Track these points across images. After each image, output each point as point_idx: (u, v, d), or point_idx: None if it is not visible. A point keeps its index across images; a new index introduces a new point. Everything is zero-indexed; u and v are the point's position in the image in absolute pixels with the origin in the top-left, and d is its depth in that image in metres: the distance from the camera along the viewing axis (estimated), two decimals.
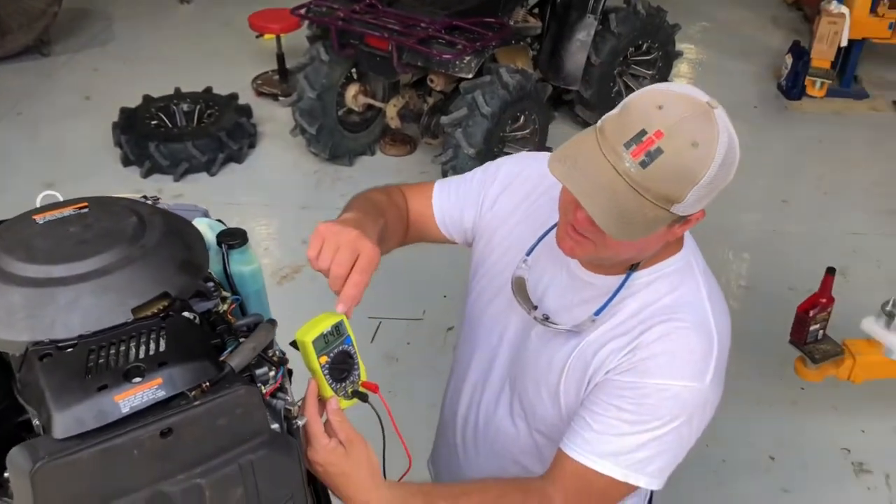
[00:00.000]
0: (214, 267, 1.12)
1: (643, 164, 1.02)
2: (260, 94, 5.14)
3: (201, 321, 0.94)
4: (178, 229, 1.03)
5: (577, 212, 1.11)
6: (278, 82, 5.15)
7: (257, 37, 5.11)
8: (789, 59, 5.22)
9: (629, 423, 1.15)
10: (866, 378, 2.84)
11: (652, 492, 1.53)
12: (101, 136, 4.48)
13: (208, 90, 4.75)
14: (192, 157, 4.27)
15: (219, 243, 1.13)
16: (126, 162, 4.36)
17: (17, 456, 0.80)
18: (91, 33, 5.94)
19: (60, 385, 0.82)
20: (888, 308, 2.68)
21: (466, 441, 1.43)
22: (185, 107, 4.63)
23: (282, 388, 0.99)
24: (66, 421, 0.80)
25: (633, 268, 1.21)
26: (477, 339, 1.37)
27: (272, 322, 0.98)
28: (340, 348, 1.09)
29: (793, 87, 5.24)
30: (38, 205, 1.08)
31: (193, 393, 0.86)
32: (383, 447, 1.13)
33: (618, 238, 1.06)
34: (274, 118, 4.88)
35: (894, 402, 3.11)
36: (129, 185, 4.22)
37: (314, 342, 1.06)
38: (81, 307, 0.89)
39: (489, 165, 1.42)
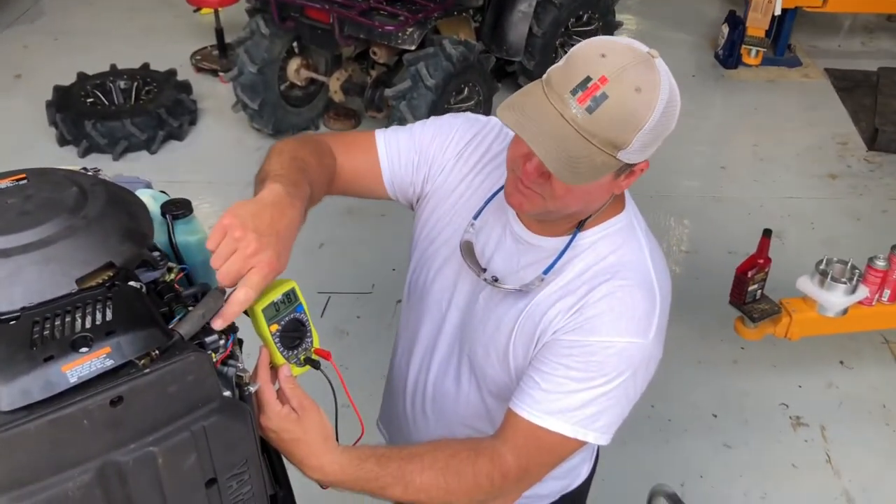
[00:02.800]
0: (160, 238, 1.10)
1: (589, 110, 1.05)
2: (199, 69, 5.03)
3: (148, 290, 0.94)
4: (121, 199, 1.01)
5: (525, 164, 1.13)
6: (217, 57, 5.05)
7: (195, 11, 5.00)
8: (725, 29, 5.32)
9: (577, 381, 1.18)
10: (802, 335, 2.95)
11: (598, 449, 1.57)
12: (35, 116, 4.35)
13: (145, 66, 4.63)
14: (130, 135, 4.17)
15: (163, 214, 1.11)
16: (62, 141, 4.24)
17: None
18: (20, 9, 5.73)
19: (5, 357, 0.80)
20: (821, 267, 2.78)
21: (416, 409, 1.45)
22: (121, 84, 4.52)
23: (233, 356, 0.99)
24: (13, 393, 0.79)
25: (580, 226, 1.24)
26: (424, 307, 1.38)
27: (221, 291, 0.98)
28: (292, 316, 1.09)
29: (729, 56, 5.35)
30: None
31: (143, 361, 0.85)
32: (335, 413, 1.14)
33: (567, 182, 1.08)
34: (214, 94, 4.79)
35: (829, 357, 3.24)
36: (66, 165, 4.07)
37: (264, 310, 1.06)
38: (23, 279, 0.87)
39: (440, 125, 1.39)
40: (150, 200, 1.15)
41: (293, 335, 1.10)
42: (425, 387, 1.41)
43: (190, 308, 0.95)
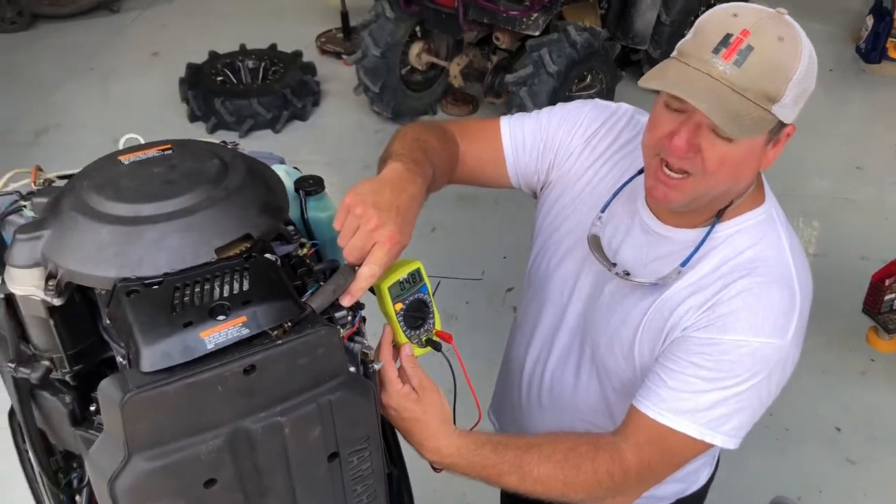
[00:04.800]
0: (293, 213, 1.12)
1: (737, 64, 1.03)
2: (324, 52, 5.14)
3: (282, 264, 0.95)
4: (259, 172, 1.03)
5: (672, 140, 1.09)
6: (342, 40, 5.14)
7: None
8: (870, 20, 5.00)
9: (706, 381, 1.13)
10: None
11: (720, 454, 1.51)
12: (169, 92, 4.55)
13: (273, 47, 4.77)
14: (257, 113, 4.31)
15: (296, 190, 1.13)
16: (193, 117, 4.42)
17: (107, 387, 0.82)
18: None
19: (148, 320, 0.83)
20: None
21: (531, 396, 1.42)
22: (250, 63, 4.67)
23: (359, 332, 1.00)
24: (154, 355, 0.81)
25: (718, 216, 1.18)
26: (545, 296, 1.36)
27: (351, 267, 0.98)
28: (416, 296, 1.09)
29: (872, 50, 5.02)
30: (120, 146, 1.10)
31: (276, 332, 0.87)
32: (454, 396, 1.13)
33: (734, 134, 1.04)
34: (338, 76, 4.88)
35: None
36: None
37: (390, 288, 1.06)
38: (167, 246, 0.90)
39: (568, 112, 1.35)
40: (285, 176, 1.17)
41: (416, 315, 1.09)
42: (542, 377, 1.38)
43: (321, 283, 0.96)
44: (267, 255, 0.93)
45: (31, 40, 5.34)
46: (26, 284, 0.93)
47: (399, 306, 1.07)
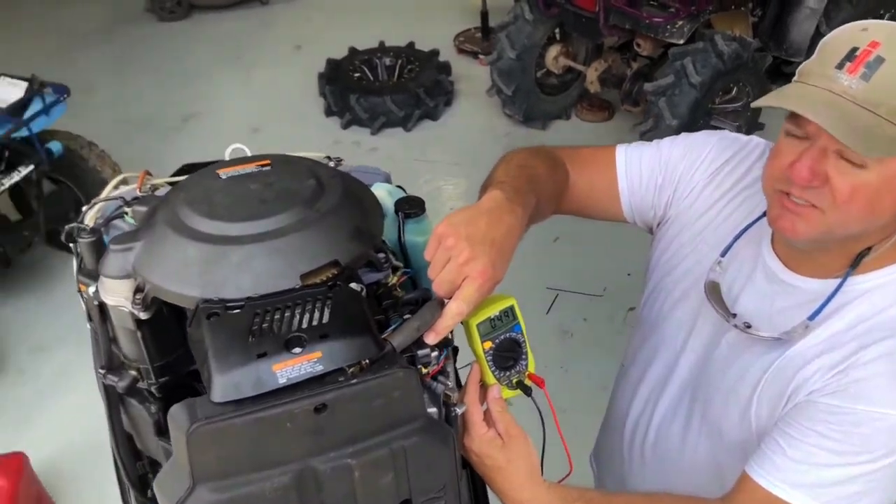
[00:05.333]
0: (390, 235, 1.08)
1: (864, 77, 0.93)
2: (461, 51, 5.13)
3: (368, 293, 0.90)
4: (355, 195, 0.99)
5: (794, 166, 0.97)
6: (480, 40, 5.11)
7: None
8: None
9: (832, 454, 1.00)
10: None
11: None
12: (308, 85, 4.66)
13: (411, 45, 4.79)
14: (389, 111, 4.34)
15: (396, 211, 1.08)
16: (329, 112, 4.51)
17: (177, 414, 0.80)
18: None
19: (224, 347, 0.81)
20: None
21: (634, 448, 1.32)
22: (387, 61, 4.71)
23: (443, 372, 0.94)
24: (225, 385, 0.78)
25: (854, 265, 1.04)
26: (657, 340, 1.25)
27: (440, 303, 0.92)
28: (508, 335, 1.02)
29: None
30: (226, 157, 1.09)
31: (352, 370, 0.82)
32: (543, 446, 1.05)
33: (863, 152, 0.93)
34: (472, 76, 4.85)
35: None
36: (329, 134, 4.37)
37: (479, 325, 0.99)
38: (253, 268, 0.87)
39: (692, 142, 1.25)
40: (386, 195, 1.12)
41: (507, 355, 1.02)
42: (647, 429, 1.28)
43: (406, 317, 0.91)
44: (352, 284, 0.89)
45: (187, 29, 5.61)
46: (116, 295, 0.93)
47: (489, 345, 1.00)
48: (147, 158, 3.54)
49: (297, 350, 0.80)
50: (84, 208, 1.08)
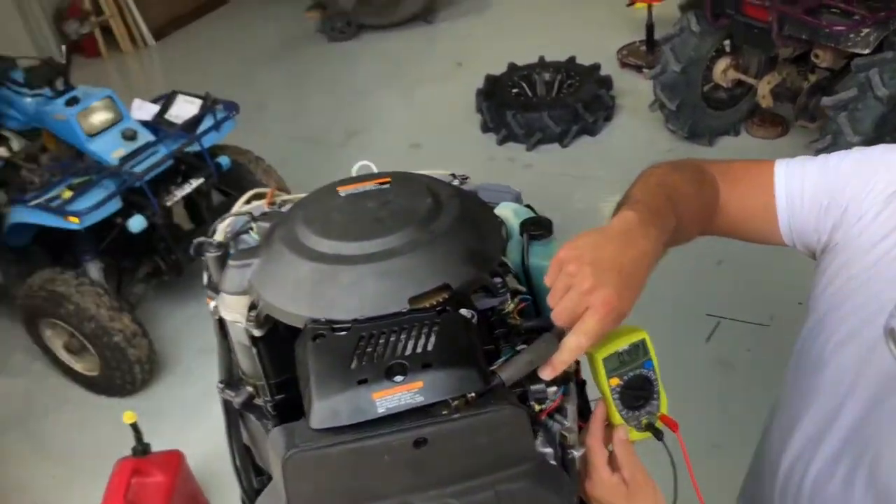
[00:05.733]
0: (513, 257, 1.02)
1: None
2: (624, 65, 4.98)
3: (479, 320, 0.85)
4: (473, 215, 0.94)
5: None
6: (645, 53, 4.94)
7: (628, 5, 4.94)
8: None
9: None
10: None
11: None
12: (466, 102, 4.69)
13: (571, 60, 4.70)
14: (546, 127, 4.27)
15: (521, 232, 1.02)
16: (485, 128, 4.50)
17: (276, 438, 0.78)
18: (472, 3, 6.23)
19: (326, 371, 0.78)
20: None
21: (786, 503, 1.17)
22: (546, 76, 4.65)
23: (561, 409, 0.87)
24: (324, 411, 0.76)
25: None
26: (816, 384, 1.10)
27: (560, 334, 0.85)
28: (638, 371, 0.93)
29: None
30: (353, 173, 1.08)
31: (455, 403, 0.77)
32: (674, 498, 0.95)
33: None
34: (635, 91, 4.69)
35: None
36: (484, 150, 4.36)
37: (606, 360, 0.91)
38: (362, 290, 0.84)
39: (866, 159, 1.08)
40: (511, 215, 1.07)
41: (637, 394, 0.93)
42: (801, 483, 1.13)
43: (520, 348, 0.85)
44: (463, 310, 0.84)
45: (355, 49, 5.82)
46: (233, 311, 0.93)
47: (616, 381, 0.92)
48: (310, 173, 3.67)
49: (399, 378, 0.76)
50: (216, 222, 1.10)
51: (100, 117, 3.04)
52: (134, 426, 2.40)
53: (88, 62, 5.95)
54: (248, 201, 1.13)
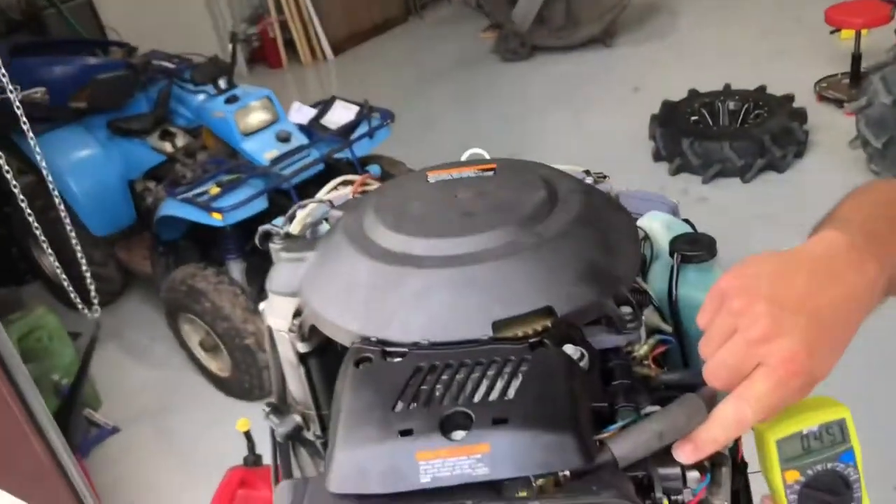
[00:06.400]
0: (657, 284, 0.75)
1: None
2: (822, 98, 4.45)
3: (592, 365, 0.59)
4: (600, 219, 0.69)
5: None
6: (847, 87, 4.39)
7: (832, 32, 4.43)
8: None
9: None
10: None
11: None
12: (640, 128, 4.35)
13: (761, 89, 4.26)
14: (726, 159, 3.86)
15: (671, 252, 0.75)
16: (657, 157, 4.15)
17: (280, 495, 0.56)
18: (654, 26, 5.89)
19: (361, 411, 0.55)
20: None
21: None
22: (731, 105, 4.23)
23: None
24: (347, 468, 0.53)
25: None
26: None
27: (712, 398, 0.58)
28: (830, 465, 0.63)
29: None
30: (463, 159, 0.86)
31: (538, 483, 0.52)
32: None
33: None
34: (833, 127, 4.17)
35: None
36: (655, 180, 4.01)
37: (782, 443, 0.63)
38: (430, 303, 0.61)
39: None
40: (662, 229, 0.80)
41: (826, 498, 0.63)
42: None
43: (647, 412, 0.58)
44: (568, 347, 0.58)
45: (528, 70, 5.63)
46: (280, 317, 0.72)
47: (795, 476, 0.63)
48: None
49: (459, 435, 0.52)
50: (295, 207, 0.90)
51: (257, 117, 3.01)
52: (247, 434, 2.26)
53: (271, 72, 6.16)
54: (335, 188, 0.94)
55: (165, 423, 3.05)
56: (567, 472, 0.52)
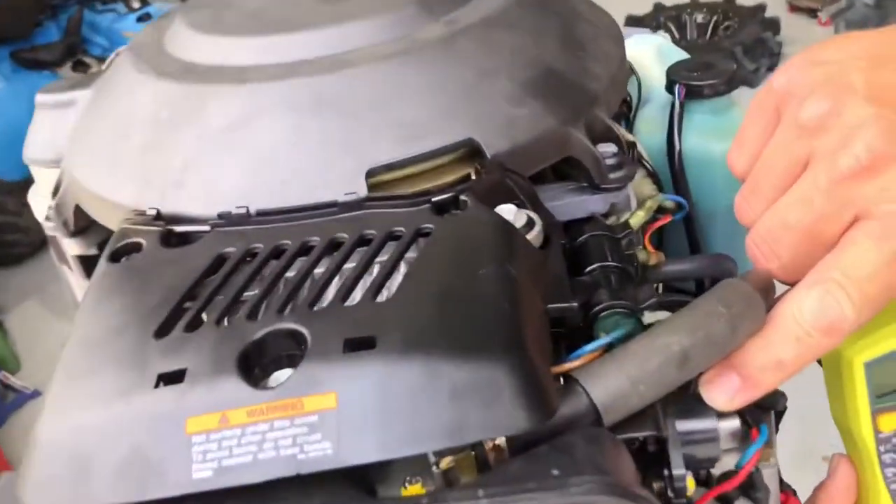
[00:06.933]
0: (649, 137, 0.49)
1: None
2: (794, 8, 4.19)
3: (550, 241, 0.32)
4: (564, 9, 0.41)
5: None
6: None
7: None
8: None
9: None
10: None
11: None
12: None
13: (730, 1, 3.99)
14: None
15: (669, 84, 0.48)
16: None
17: None
18: None
19: (96, 343, 0.28)
20: None
21: None
22: (699, 17, 3.95)
23: (753, 485, 0.33)
24: (51, 461, 0.26)
25: None
26: None
27: (766, 290, 0.31)
28: None
29: None
30: None
31: (444, 465, 0.25)
32: None
33: None
34: (808, 38, 3.91)
35: None
36: None
37: (874, 365, 0.37)
38: (254, 142, 0.33)
39: None
40: (653, 59, 0.54)
41: None
42: None
43: (648, 321, 0.31)
44: (505, 209, 0.31)
45: None
46: (39, 197, 0.44)
47: (895, 422, 0.37)
48: None
49: (278, 379, 0.25)
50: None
51: None
52: None
53: None
54: None
55: None
56: (501, 442, 0.25)
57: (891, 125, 0.29)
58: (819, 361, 0.40)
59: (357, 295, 0.27)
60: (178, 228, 0.32)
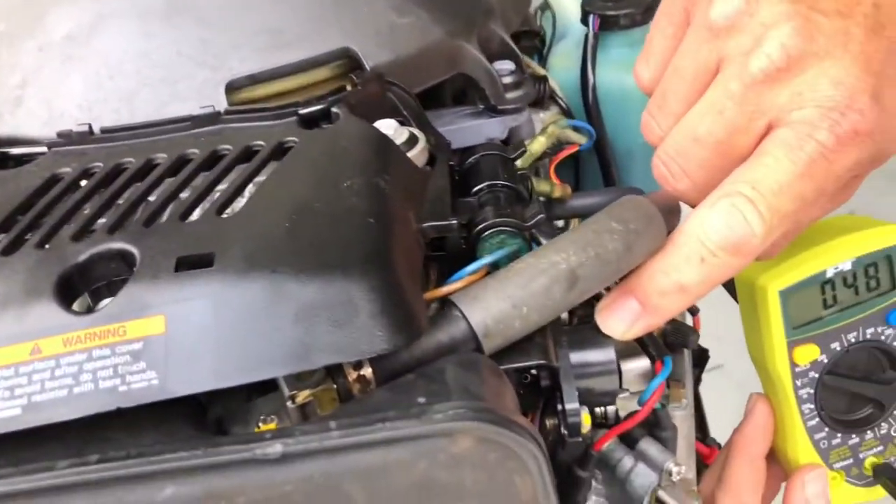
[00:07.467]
0: (563, 72, 0.46)
1: None
2: None
3: (436, 161, 0.29)
4: None
5: None
6: None
7: None
8: None
9: None
10: None
11: None
12: None
13: None
14: None
15: (585, 15, 0.45)
16: None
17: None
18: None
19: None
20: None
21: None
22: None
23: (658, 423, 0.31)
24: None
25: None
26: None
27: (670, 210, 0.28)
28: (871, 332, 0.36)
29: None
30: None
31: (301, 398, 0.22)
32: None
33: None
34: None
35: None
36: None
37: (790, 293, 0.35)
38: (98, 53, 0.30)
39: None
40: None
41: (864, 392, 0.37)
42: None
43: (542, 234, 0.29)
44: (384, 123, 0.28)
45: None
46: None
47: (810, 354, 0.35)
48: None
49: (102, 303, 0.22)
50: None
51: None
52: None
53: None
54: None
55: None
56: (367, 372, 0.22)
57: (807, 21, 0.27)
58: (734, 293, 0.38)
59: (197, 213, 0.24)
60: (14, 151, 0.28)
